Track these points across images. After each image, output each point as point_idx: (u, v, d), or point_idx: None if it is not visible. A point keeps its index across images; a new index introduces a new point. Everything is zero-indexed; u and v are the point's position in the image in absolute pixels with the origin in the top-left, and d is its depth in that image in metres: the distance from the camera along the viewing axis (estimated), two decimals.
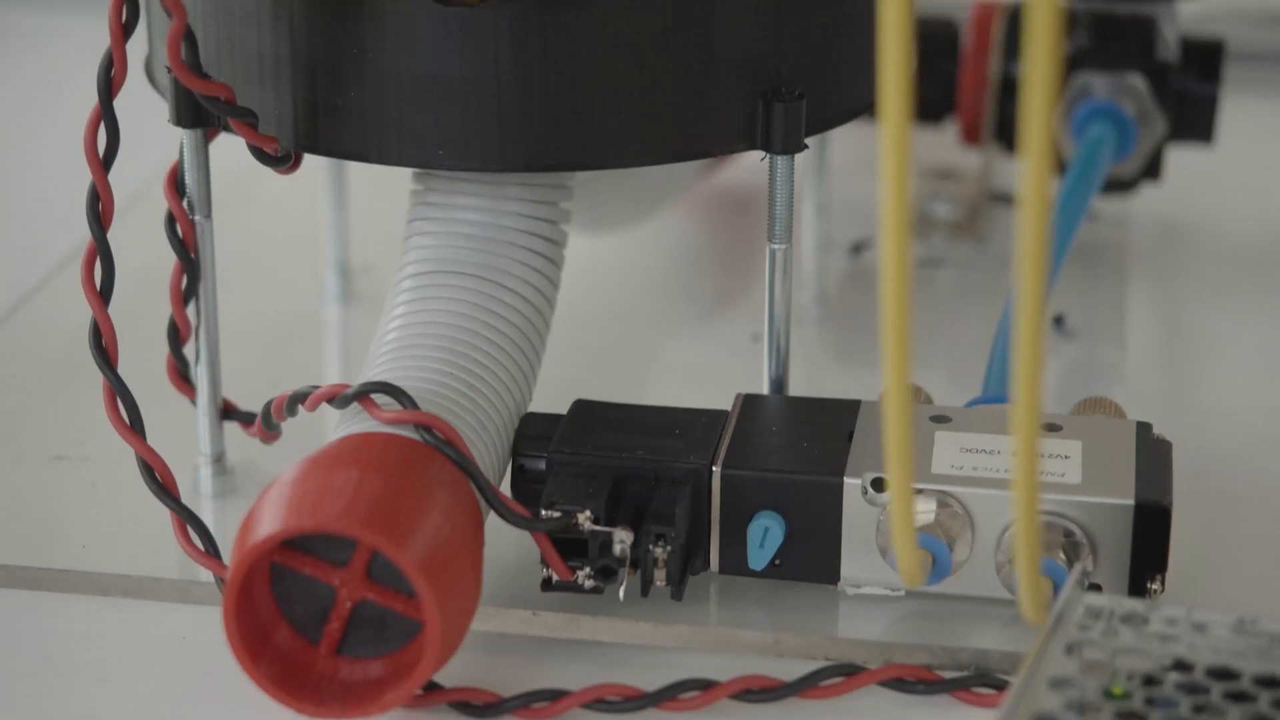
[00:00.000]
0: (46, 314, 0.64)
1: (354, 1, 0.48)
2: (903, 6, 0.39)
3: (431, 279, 0.52)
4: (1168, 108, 0.65)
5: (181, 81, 0.49)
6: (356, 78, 0.49)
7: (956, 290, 0.66)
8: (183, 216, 0.51)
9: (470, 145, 0.49)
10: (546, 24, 0.48)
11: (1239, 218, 0.71)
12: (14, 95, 0.84)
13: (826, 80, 0.51)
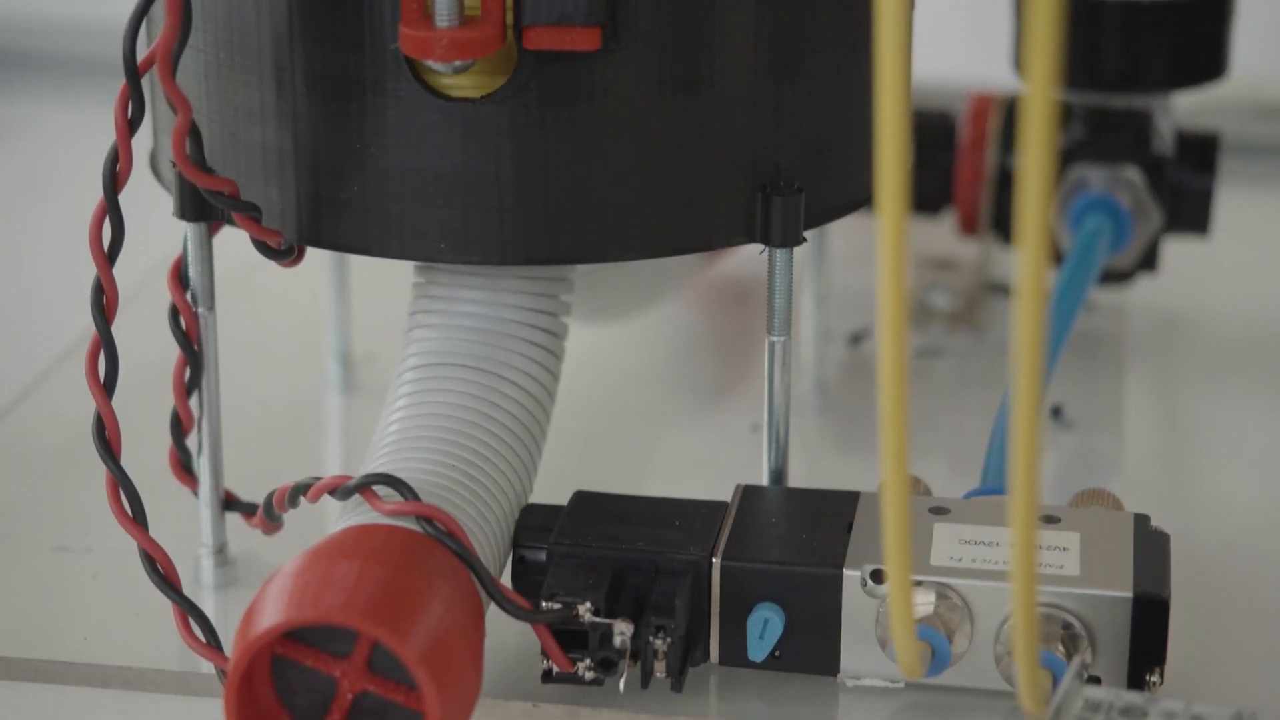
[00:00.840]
0: (50, 405, 0.64)
1: (357, 96, 0.49)
2: (900, 100, 0.40)
3: (433, 370, 0.52)
4: (1163, 200, 0.65)
5: (186, 176, 0.49)
6: (359, 172, 0.49)
7: (955, 380, 0.66)
8: (186, 309, 0.52)
9: (472, 239, 0.49)
10: (548, 119, 0.49)
11: (1235, 308, 0.72)
12: (17, 184, 0.85)
13: (825, 174, 0.52)
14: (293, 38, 0.49)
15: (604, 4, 0.47)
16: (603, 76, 0.48)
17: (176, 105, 0.48)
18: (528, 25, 0.47)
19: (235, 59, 0.50)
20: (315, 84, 0.49)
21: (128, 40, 0.48)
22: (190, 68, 0.50)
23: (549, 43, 0.48)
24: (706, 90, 0.49)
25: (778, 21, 0.50)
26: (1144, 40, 0.64)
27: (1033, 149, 0.38)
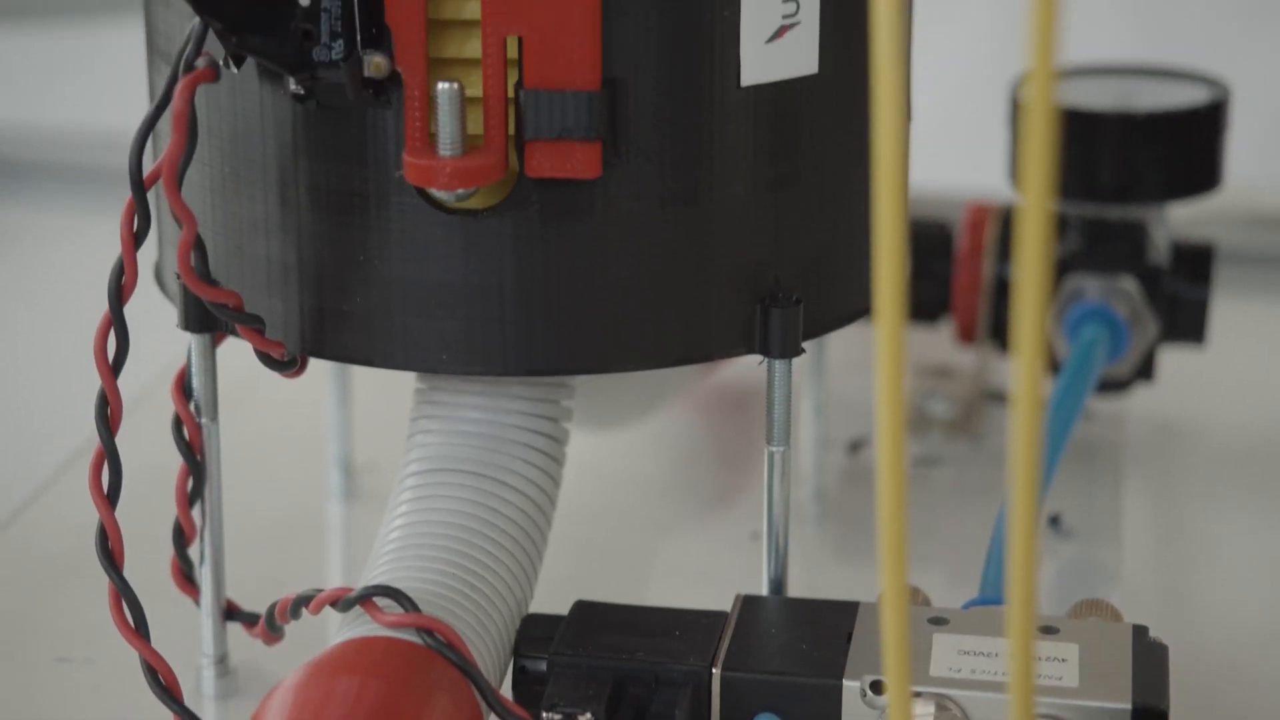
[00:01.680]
0: (52, 514, 0.64)
1: (360, 210, 0.49)
2: (898, 213, 0.40)
3: (434, 476, 0.52)
4: (1160, 310, 0.66)
5: (191, 289, 0.49)
6: (362, 284, 0.50)
7: (954, 489, 0.66)
8: (189, 420, 0.52)
9: (473, 350, 0.50)
10: (549, 232, 0.49)
11: (1233, 417, 0.72)
12: (17, 291, 0.85)
13: (824, 285, 0.52)
14: (297, 152, 0.49)
15: (604, 119, 0.48)
16: (603, 190, 0.49)
17: (182, 220, 0.48)
18: (529, 140, 0.48)
19: (240, 173, 0.50)
20: (319, 197, 0.50)
21: (134, 155, 0.48)
22: (195, 181, 0.51)
23: (550, 170, 0.48)
24: (706, 204, 0.50)
25: (776, 136, 0.50)
26: (1139, 152, 0.65)
27: (1028, 260, 0.39)
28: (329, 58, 0.47)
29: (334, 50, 0.47)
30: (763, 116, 0.50)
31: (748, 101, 0.50)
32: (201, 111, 0.49)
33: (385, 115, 0.49)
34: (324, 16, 0.47)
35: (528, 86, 0.48)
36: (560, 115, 0.48)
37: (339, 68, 0.47)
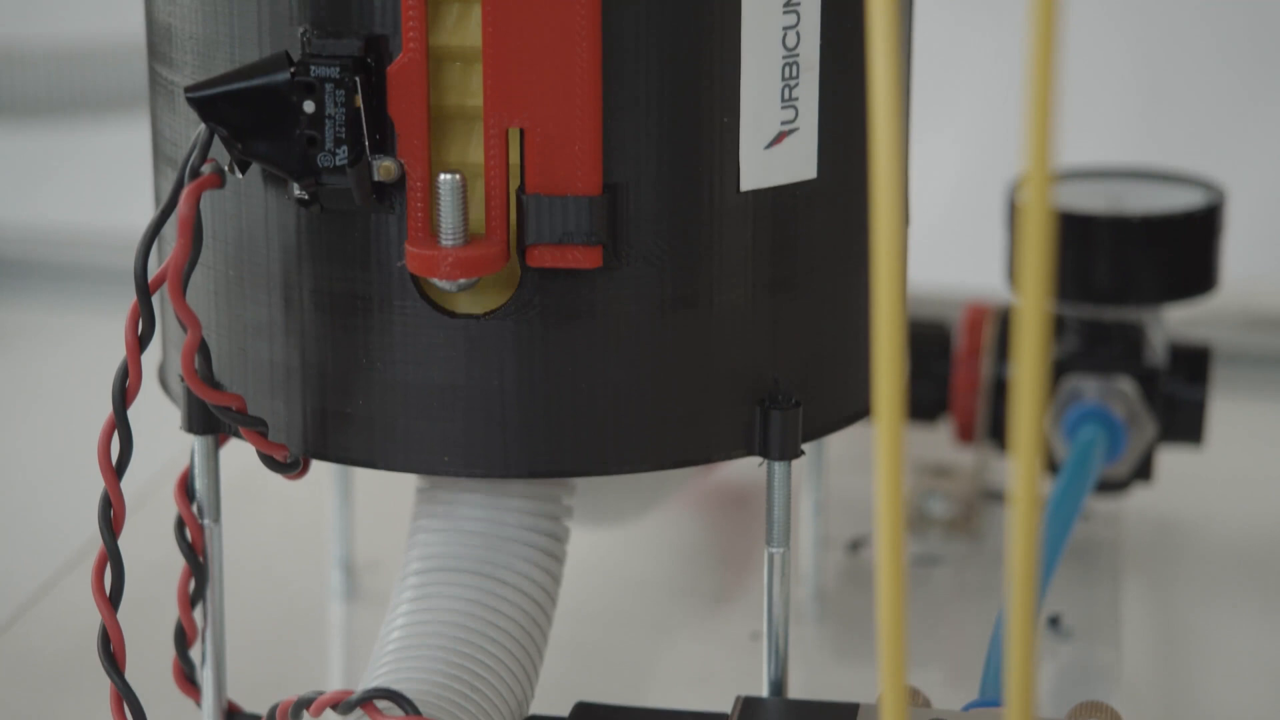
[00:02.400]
0: (54, 616, 0.64)
1: (364, 313, 0.50)
2: (896, 316, 0.41)
3: (435, 576, 0.52)
4: (1157, 411, 0.66)
5: (195, 392, 0.50)
6: (365, 387, 0.50)
7: (953, 589, 0.66)
8: (192, 522, 0.52)
9: (475, 452, 0.50)
10: (550, 335, 0.50)
11: (1232, 518, 0.72)
12: (18, 390, 0.85)
13: (823, 387, 0.53)
14: (300, 256, 0.50)
15: (605, 224, 0.49)
16: (604, 293, 0.49)
17: (187, 324, 0.49)
18: (530, 244, 0.49)
19: (244, 276, 0.51)
20: (322, 301, 0.50)
21: (139, 260, 0.49)
22: (199, 284, 0.51)
23: (552, 261, 0.49)
24: (706, 307, 0.50)
25: (775, 240, 0.51)
26: (1135, 255, 0.66)
27: (1025, 361, 0.39)
28: (333, 163, 0.48)
29: (338, 156, 0.48)
30: (762, 221, 0.50)
31: (747, 206, 0.50)
32: (206, 216, 0.50)
33: (388, 219, 0.49)
34: (328, 123, 0.48)
35: (529, 191, 0.48)
36: (562, 220, 0.48)
37: (343, 173, 0.48)
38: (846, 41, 0.51)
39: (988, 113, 1.11)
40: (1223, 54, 1.15)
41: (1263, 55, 1.15)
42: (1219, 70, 1.15)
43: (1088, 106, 1.10)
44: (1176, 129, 1.14)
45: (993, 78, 1.10)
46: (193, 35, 0.51)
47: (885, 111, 0.41)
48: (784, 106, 0.50)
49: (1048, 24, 0.39)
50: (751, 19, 0.49)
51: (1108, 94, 1.14)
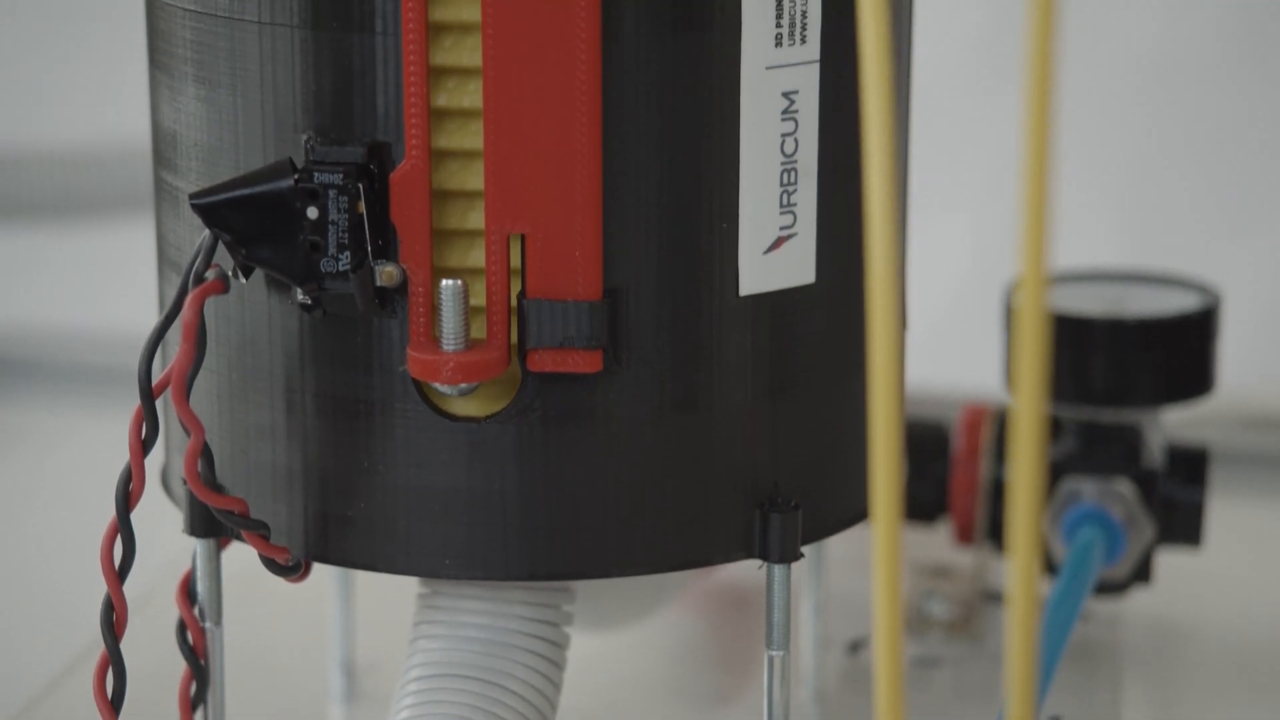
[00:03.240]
0: (56, 719, 0.64)
1: (365, 416, 0.50)
2: (893, 420, 0.41)
3: (436, 682, 0.53)
4: (1155, 513, 0.66)
5: (197, 496, 0.50)
6: (366, 490, 0.50)
7: (953, 690, 0.66)
8: (194, 625, 0.52)
9: (475, 555, 0.50)
10: (550, 438, 0.50)
11: (1231, 619, 0.72)
12: (18, 491, 0.86)
13: (823, 490, 0.53)
14: (303, 360, 0.50)
15: (605, 328, 0.49)
16: (604, 397, 0.50)
17: (190, 428, 0.49)
18: (531, 348, 0.49)
19: (247, 380, 0.51)
20: (324, 404, 0.50)
21: (143, 365, 0.49)
22: (201, 388, 0.52)
23: (553, 365, 0.49)
24: (705, 410, 0.51)
25: (775, 344, 0.51)
26: (1131, 358, 0.66)
27: (1022, 463, 0.39)
28: (336, 269, 0.48)
29: (341, 261, 0.48)
30: (761, 325, 0.51)
31: (746, 310, 0.51)
32: (209, 320, 0.50)
33: (390, 323, 0.50)
34: (331, 229, 0.48)
35: (530, 296, 0.49)
36: (563, 324, 0.49)
37: (346, 278, 0.48)
38: (844, 147, 0.51)
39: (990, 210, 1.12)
40: (1217, 157, 1.16)
41: (1256, 158, 1.15)
42: (1213, 174, 1.16)
43: (1083, 209, 1.11)
44: (1172, 232, 1.15)
45: (993, 176, 1.11)
46: (197, 142, 0.51)
47: (881, 218, 0.41)
48: (783, 212, 0.51)
49: (1042, 128, 0.40)
50: (750, 126, 0.50)
51: (1103, 197, 1.15)
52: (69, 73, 1.24)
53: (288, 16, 0.49)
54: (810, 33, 0.50)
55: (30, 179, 0.97)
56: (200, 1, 0.50)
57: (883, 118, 0.41)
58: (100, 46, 1.21)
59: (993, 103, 1.11)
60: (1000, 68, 1.06)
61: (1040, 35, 0.39)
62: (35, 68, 1.24)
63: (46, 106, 1.22)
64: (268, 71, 0.49)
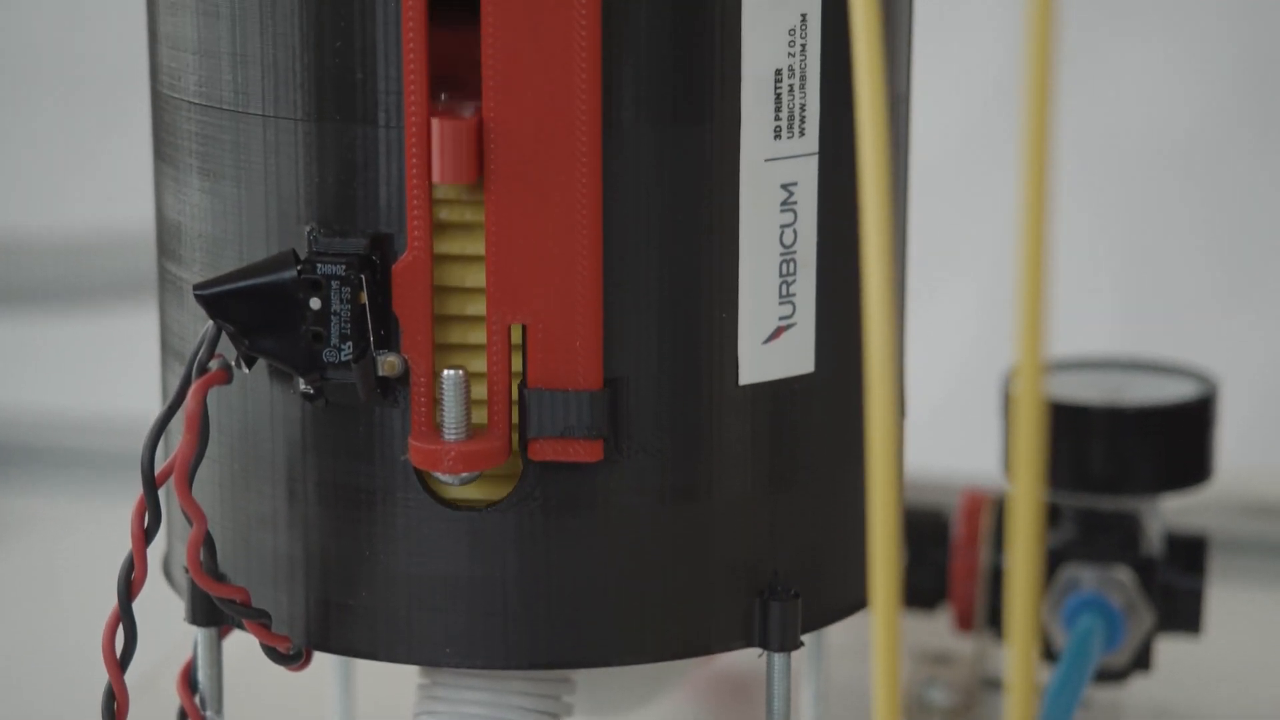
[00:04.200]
0: None
1: (366, 505, 0.50)
2: (891, 509, 0.41)
3: None
4: (1155, 601, 0.67)
5: (199, 585, 0.50)
6: (367, 579, 0.51)
7: None
8: (195, 714, 0.52)
9: (476, 644, 0.50)
10: (551, 527, 0.50)
11: (1231, 707, 0.72)
12: (19, 580, 0.86)
13: (822, 578, 0.53)
14: (305, 449, 0.51)
15: (605, 417, 0.49)
16: (605, 485, 0.50)
17: (192, 518, 0.49)
18: (532, 437, 0.49)
19: (249, 469, 0.51)
20: (326, 493, 0.51)
21: (146, 454, 0.49)
22: (204, 476, 0.52)
23: (553, 454, 0.49)
24: (705, 499, 0.51)
25: (774, 433, 0.51)
26: (1130, 446, 0.66)
27: (1019, 554, 0.40)
28: (338, 359, 0.49)
29: (343, 351, 0.49)
30: (761, 413, 0.51)
31: (746, 400, 0.51)
32: (212, 409, 0.51)
33: (392, 413, 0.50)
34: (333, 320, 0.48)
35: (531, 386, 0.49)
36: (563, 414, 0.49)
37: (348, 368, 0.49)
38: (843, 237, 0.52)
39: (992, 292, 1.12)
40: (1215, 242, 1.17)
41: (1249, 244, 1.16)
42: (1211, 259, 1.16)
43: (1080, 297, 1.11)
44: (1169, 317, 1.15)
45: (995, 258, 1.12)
46: (201, 233, 0.52)
47: (879, 308, 0.41)
48: (782, 302, 0.51)
49: (1038, 213, 0.40)
50: (750, 217, 0.50)
51: (1100, 283, 1.15)
52: (71, 161, 1.24)
53: (291, 109, 0.49)
54: (809, 125, 0.50)
55: (31, 265, 0.97)
56: (205, 95, 0.51)
57: (881, 210, 0.41)
58: (103, 135, 1.22)
59: (994, 184, 1.12)
60: (997, 153, 1.06)
61: (1036, 119, 0.40)
62: (38, 156, 1.25)
63: (48, 194, 1.23)
64: (271, 164, 0.50)
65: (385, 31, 0.48)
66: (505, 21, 0.48)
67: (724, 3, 0.49)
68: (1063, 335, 0.62)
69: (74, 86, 1.27)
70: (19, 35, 1.29)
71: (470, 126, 0.48)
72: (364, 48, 0.48)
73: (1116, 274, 1.16)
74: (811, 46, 0.50)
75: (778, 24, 0.50)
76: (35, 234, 0.99)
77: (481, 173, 0.48)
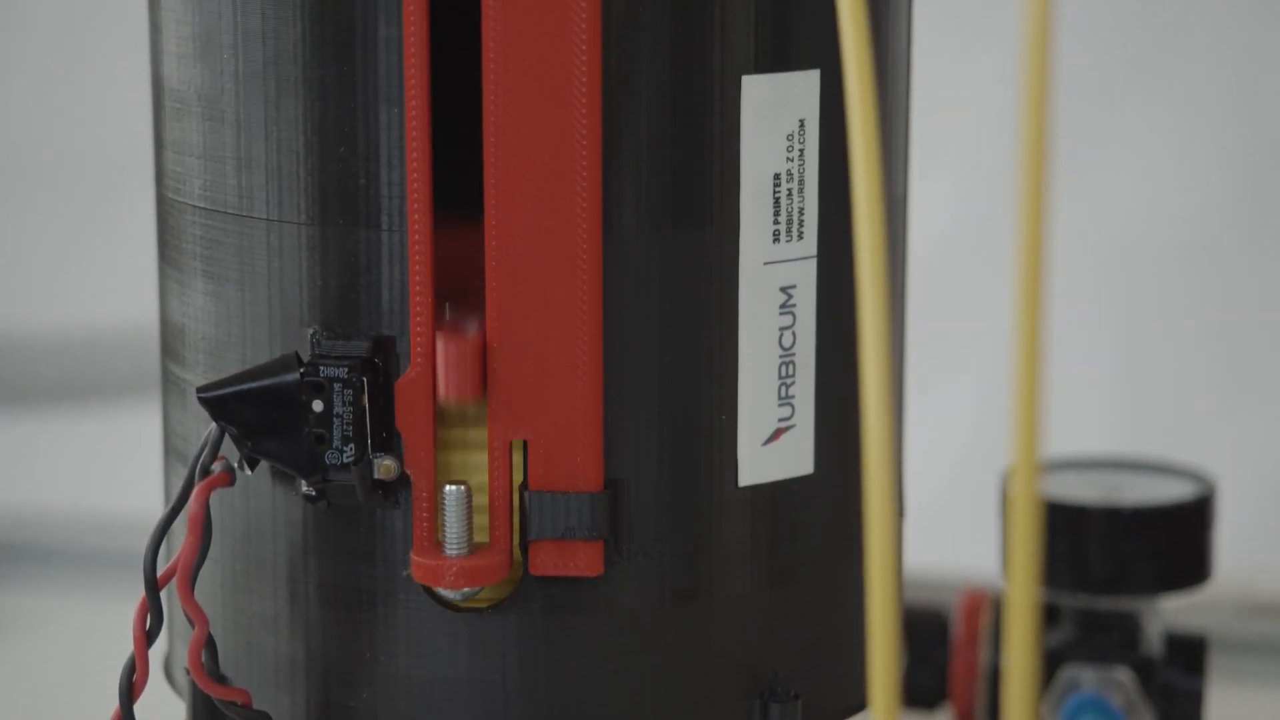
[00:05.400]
0: None
1: (368, 607, 0.51)
2: (890, 609, 0.41)
3: None
4: (1155, 701, 0.66)
5: (201, 687, 0.50)
6: (368, 680, 0.51)
7: None
8: None
9: None
10: (552, 628, 0.50)
11: None
12: (20, 679, 0.85)
13: (823, 679, 0.53)
14: (307, 550, 0.51)
15: (606, 519, 0.50)
16: (605, 587, 0.50)
17: (195, 620, 0.49)
18: (533, 540, 0.49)
19: (251, 570, 0.52)
20: (327, 595, 0.51)
21: (149, 557, 0.49)
22: (206, 578, 0.52)
23: (554, 562, 0.49)
24: (705, 601, 0.51)
25: (774, 534, 0.52)
26: (1128, 546, 0.66)
27: (1017, 654, 0.40)
28: (340, 460, 0.49)
29: (345, 454, 0.49)
30: (760, 516, 0.51)
31: (746, 501, 0.51)
32: (214, 511, 0.51)
33: (393, 515, 0.50)
34: (335, 422, 0.49)
35: (532, 488, 0.49)
36: (564, 516, 0.49)
37: (349, 470, 0.49)
38: (842, 339, 0.52)
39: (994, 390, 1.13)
40: (1208, 343, 1.17)
41: (1246, 342, 1.16)
42: (1209, 356, 1.17)
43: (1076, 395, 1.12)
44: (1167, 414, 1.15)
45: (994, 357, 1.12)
46: (205, 336, 0.52)
47: (877, 410, 0.42)
48: (781, 404, 0.51)
49: (1033, 314, 0.41)
50: (749, 320, 0.50)
51: (1096, 384, 1.16)
52: (73, 260, 1.25)
53: (295, 214, 0.50)
54: (807, 229, 0.51)
55: (33, 364, 0.97)
56: (209, 199, 0.51)
57: (878, 312, 0.42)
58: (101, 231, 1.23)
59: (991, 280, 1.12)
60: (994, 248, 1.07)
61: (1031, 215, 0.40)
62: (41, 254, 1.26)
63: (50, 293, 1.23)
64: (275, 267, 0.50)
65: (388, 137, 0.49)
66: (505, 127, 0.48)
67: (723, 109, 0.50)
68: (1060, 433, 0.62)
69: (73, 181, 1.28)
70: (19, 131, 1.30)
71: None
72: (367, 153, 0.49)
73: (1113, 372, 1.17)
74: (810, 151, 0.51)
75: (777, 129, 0.50)
76: (34, 332, 0.99)
77: None
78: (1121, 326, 1.18)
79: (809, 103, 0.51)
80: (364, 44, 0.49)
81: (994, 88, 1.06)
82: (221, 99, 0.51)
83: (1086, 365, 1.14)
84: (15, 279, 1.26)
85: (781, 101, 0.50)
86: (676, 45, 0.49)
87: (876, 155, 0.42)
